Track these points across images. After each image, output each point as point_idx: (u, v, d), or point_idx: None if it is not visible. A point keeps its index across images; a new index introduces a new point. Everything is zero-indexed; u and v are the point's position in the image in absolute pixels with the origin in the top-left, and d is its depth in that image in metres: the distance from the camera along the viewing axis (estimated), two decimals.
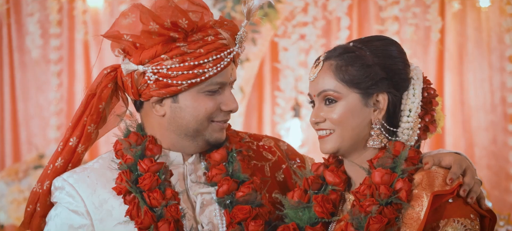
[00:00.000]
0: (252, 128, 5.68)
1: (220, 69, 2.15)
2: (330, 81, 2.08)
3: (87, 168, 2.23)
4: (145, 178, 2.13)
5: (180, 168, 2.24)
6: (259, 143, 2.41)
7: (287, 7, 5.23)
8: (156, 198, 2.11)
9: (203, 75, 2.13)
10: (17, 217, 5.34)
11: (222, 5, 5.12)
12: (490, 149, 5.24)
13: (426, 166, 2.07)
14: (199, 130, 2.19)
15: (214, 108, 2.19)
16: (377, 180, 2.03)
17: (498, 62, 5.20)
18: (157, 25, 2.10)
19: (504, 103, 5.20)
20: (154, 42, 2.12)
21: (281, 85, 5.40)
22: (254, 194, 2.19)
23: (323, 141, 2.11)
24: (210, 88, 2.17)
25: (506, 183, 5.16)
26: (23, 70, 6.01)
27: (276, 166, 2.37)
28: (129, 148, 2.18)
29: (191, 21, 2.13)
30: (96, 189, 2.16)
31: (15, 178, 5.46)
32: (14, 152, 6.05)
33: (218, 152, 2.25)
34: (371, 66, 2.08)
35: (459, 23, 5.26)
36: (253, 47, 5.21)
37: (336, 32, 5.31)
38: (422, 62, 5.19)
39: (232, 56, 2.17)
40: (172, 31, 2.12)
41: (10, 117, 6.03)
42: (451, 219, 1.99)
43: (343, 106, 2.08)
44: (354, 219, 2.01)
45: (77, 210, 2.15)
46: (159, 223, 2.09)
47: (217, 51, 2.15)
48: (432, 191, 2.00)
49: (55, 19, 5.84)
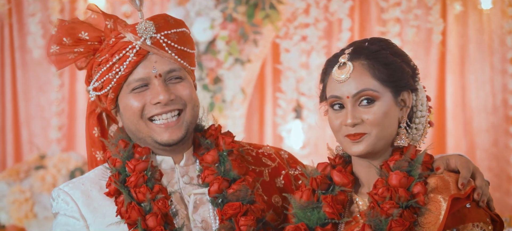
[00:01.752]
0: (254, 129, 5.68)
1: (129, 66, 2.19)
2: (369, 80, 2.05)
3: (82, 177, 2.32)
4: (132, 176, 2.19)
5: (172, 171, 2.28)
6: (259, 150, 2.43)
7: (289, 8, 5.23)
8: (143, 192, 2.16)
9: (117, 76, 2.20)
10: (18, 217, 5.34)
11: (224, 6, 5.12)
12: (491, 151, 5.23)
13: (439, 171, 2.07)
14: (139, 130, 2.24)
15: (141, 104, 2.21)
16: (395, 183, 2.03)
17: (499, 64, 5.20)
18: (57, 46, 2.23)
19: (505, 105, 5.20)
20: (73, 60, 2.26)
21: (283, 87, 5.39)
22: (245, 190, 2.21)
23: (356, 142, 2.07)
24: (133, 86, 2.21)
25: (508, 185, 5.16)
26: (24, 70, 6.01)
27: (276, 171, 2.39)
28: (117, 153, 2.24)
29: (92, 31, 2.24)
30: (90, 195, 2.23)
31: (17, 179, 5.46)
32: (15, 152, 6.05)
33: (209, 153, 2.27)
34: (399, 65, 2.09)
35: (461, 25, 5.25)
36: (255, 49, 5.21)
37: (338, 34, 5.31)
38: (423, 64, 5.19)
39: (137, 50, 2.20)
40: (78, 46, 2.23)
41: (12, 117, 6.04)
42: (470, 224, 2.01)
43: (380, 106, 2.05)
44: (372, 221, 2.00)
45: (73, 215, 2.22)
46: (147, 216, 2.13)
47: (120, 50, 2.20)
48: (449, 195, 2.00)
49: (57, 19, 5.83)
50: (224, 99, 5.17)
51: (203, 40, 5.12)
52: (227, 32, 5.09)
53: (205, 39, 5.12)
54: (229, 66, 5.14)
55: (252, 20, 5.10)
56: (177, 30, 2.25)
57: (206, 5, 5.12)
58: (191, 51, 2.29)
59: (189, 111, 2.25)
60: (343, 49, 2.14)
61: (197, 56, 5.15)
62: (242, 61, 5.17)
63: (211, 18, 5.09)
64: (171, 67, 2.22)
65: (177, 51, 2.23)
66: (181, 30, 2.27)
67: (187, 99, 2.24)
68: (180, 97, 2.23)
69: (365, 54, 2.08)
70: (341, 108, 2.08)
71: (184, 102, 2.24)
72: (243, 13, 5.11)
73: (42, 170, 5.47)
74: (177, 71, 2.23)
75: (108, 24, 2.26)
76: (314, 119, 5.33)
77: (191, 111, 2.25)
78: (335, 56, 2.14)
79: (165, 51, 2.21)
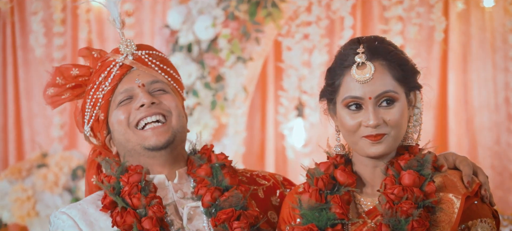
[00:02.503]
0: (255, 127, 5.67)
1: (113, 80, 2.31)
2: (390, 81, 2.06)
3: (79, 201, 2.38)
4: (125, 187, 2.24)
5: (165, 188, 2.32)
6: (253, 172, 2.47)
7: (291, 6, 5.23)
8: (138, 197, 2.20)
9: (103, 92, 2.31)
10: (20, 216, 5.35)
11: (226, 4, 5.11)
12: (494, 149, 5.23)
13: (443, 169, 2.09)
14: (128, 140, 2.30)
15: (127, 113, 2.30)
16: (408, 182, 2.04)
17: (502, 62, 5.19)
18: (52, 89, 2.38)
19: (507, 103, 5.19)
20: (68, 99, 2.41)
21: (285, 85, 5.39)
22: (238, 197, 2.24)
23: (377, 144, 2.06)
24: (119, 100, 2.31)
25: (510, 183, 5.15)
26: (26, 69, 6.01)
27: (271, 190, 2.42)
28: (112, 171, 2.30)
29: (82, 68, 2.37)
30: (87, 212, 2.28)
31: (19, 177, 5.47)
32: (17, 151, 6.06)
33: (202, 168, 2.32)
34: (411, 65, 2.10)
35: (463, 23, 5.25)
36: (257, 47, 5.21)
37: (340, 32, 5.31)
38: (425, 62, 5.18)
39: (120, 65, 2.31)
40: (70, 82, 2.38)
41: (14, 116, 6.04)
42: (478, 220, 2.04)
43: (399, 106, 2.07)
44: (391, 220, 2.00)
45: (71, 229, 2.26)
46: (142, 219, 2.17)
47: (105, 68, 2.32)
48: (460, 193, 2.03)
49: (59, 18, 5.84)
50: (226, 97, 5.17)
51: (205, 39, 5.12)
52: (229, 30, 5.08)
53: (207, 38, 5.11)
54: (231, 65, 5.14)
55: (254, 18, 5.09)
56: (159, 54, 2.38)
57: (208, 3, 5.12)
58: (175, 75, 2.39)
59: (175, 118, 2.31)
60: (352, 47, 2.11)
61: (199, 54, 5.16)
62: (244, 60, 5.17)
63: (213, 16, 5.09)
64: (154, 79, 2.32)
65: (159, 68, 2.35)
66: (164, 56, 2.39)
67: (171, 107, 2.31)
68: (164, 104, 2.30)
69: (382, 54, 2.08)
70: (358, 109, 2.07)
71: (169, 110, 2.30)
72: (245, 12, 5.10)
73: (44, 168, 5.47)
74: (161, 83, 2.33)
75: (94, 53, 2.39)
76: (316, 117, 5.33)
77: (177, 119, 2.31)
78: (346, 55, 2.11)
79: (148, 66, 2.32)
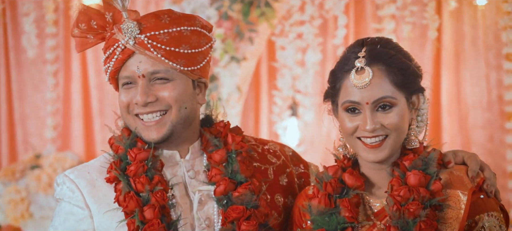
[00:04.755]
0: (249, 127, 5.67)
1: (116, 64, 2.23)
2: (388, 87, 2.07)
3: (88, 165, 2.33)
4: (132, 165, 2.20)
5: (177, 165, 2.29)
6: (265, 146, 2.44)
7: (284, 6, 5.23)
8: (142, 182, 2.17)
9: (109, 69, 2.26)
10: (14, 217, 5.33)
11: (219, 4, 5.11)
12: (487, 147, 5.24)
13: (450, 165, 2.11)
14: (129, 124, 2.28)
15: (127, 101, 2.25)
16: (414, 182, 2.05)
17: (494, 60, 5.21)
18: (76, 29, 2.27)
19: (500, 101, 5.21)
20: (93, 44, 2.30)
21: (278, 84, 5.39)
22: (250, 195, 2.22)
23: (377, 150, 2.08)
24: (123, 82, 2.26)
25: (504, 181, 5.17)
26: (19, 70, 5.99)
27: (280, 169, 2.40)
28: (120, 140, 2.27)
29: (100, 20, 2.25)
30: (96, 184, 2.25)
31: (12, 179, 5.45)
32: (10, 152, 6.04)
33: (218, 152, 2.28)
34: (412, 69, 2.11)
35: (456, 21, 5.26)
36: (250, 46, 5.20)
37: (333, 31, 5.31)
38: (419, 60, 5.11)
39: (122, 49, 2.21)
40: (90, 33, 2.26)
41: (6, 117, 6.02)
42: (485, 214, 2.06)
43: (398, 111, 2.08)
44: (399, 222, 2.01)
45: (78, 204, 2.23)
46: (144, 208, 2.15)
47: (110, 46, 2.24)
48: (466, 189, 2.05)
49: (51, 18, 5.83)
50: (219, 97, 5.17)
51: None
52: (222, 30, 5.08)
53: None
54: (225, 64, 5.14)
55: (247, 18, 5.09)
56: (169, 30, 2.21)
57: (202, 3, 5.11)
58: (190, 51, 2.23)
59: (174, 112, 2.23)
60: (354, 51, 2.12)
61: None
62: (237, 59, 5.16)
63: (206, 16, 5.08)
64: (155, 68, 2.21)
65: (164, 53, 2.19)
66: (176, 30, 2.21)
67: (171, 101, 2.22)
68: (163, 99, 2.22)
69: (383, 59, 2.08)
70: (357, 113, 2.09)
71: (168, 104, 2.22)
72: (238, 11, 5.10)
73: (38, 170, 5.46)
74: (163, 72, 2.21)
75: (107, 17, 2.25)
76: (310, 116, 5.34)
77: (177, 113, 2.23)
78: (347, 59, 2.12)
79: (151, 52, 2.19)
